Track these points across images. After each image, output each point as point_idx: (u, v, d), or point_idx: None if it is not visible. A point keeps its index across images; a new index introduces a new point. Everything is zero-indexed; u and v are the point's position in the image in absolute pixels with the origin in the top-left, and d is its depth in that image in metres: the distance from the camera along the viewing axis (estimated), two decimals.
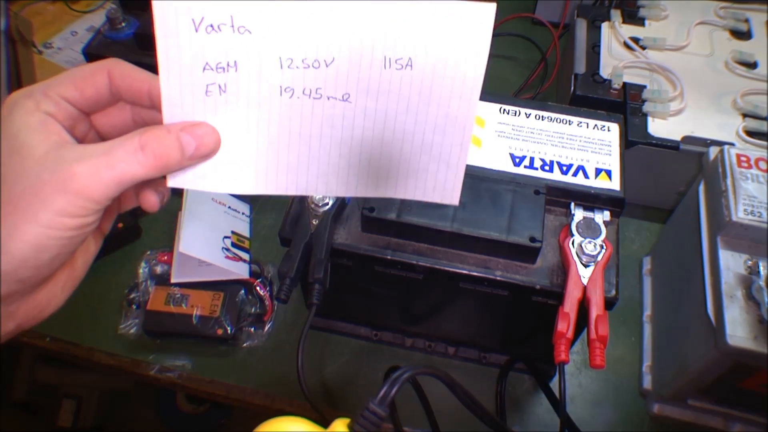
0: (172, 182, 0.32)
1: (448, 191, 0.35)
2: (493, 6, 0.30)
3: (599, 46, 0.69)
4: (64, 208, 0.27)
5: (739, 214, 0.47)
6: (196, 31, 0.28)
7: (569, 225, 0.47)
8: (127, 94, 0.31)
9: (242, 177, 0.33)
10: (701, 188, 0.53)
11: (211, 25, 0.28)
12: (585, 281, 0.44)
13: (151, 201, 0.32)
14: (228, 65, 0.30)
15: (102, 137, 0.33)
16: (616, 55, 0.68)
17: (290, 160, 0.33)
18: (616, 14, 0.72)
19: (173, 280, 0.61)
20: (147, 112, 0.32)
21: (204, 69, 0.29)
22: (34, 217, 0.27)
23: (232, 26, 0.29)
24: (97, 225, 0.30)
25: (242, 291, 0.62)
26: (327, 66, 0.30)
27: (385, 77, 0.31)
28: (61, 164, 0.27)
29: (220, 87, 0.30)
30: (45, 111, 0.29)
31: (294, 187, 0.34)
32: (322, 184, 0.34)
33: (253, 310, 0.63)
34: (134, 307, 0.63)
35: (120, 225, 0.67)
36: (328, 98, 0.31)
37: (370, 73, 0.31)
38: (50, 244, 0.27)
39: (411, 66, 0.31)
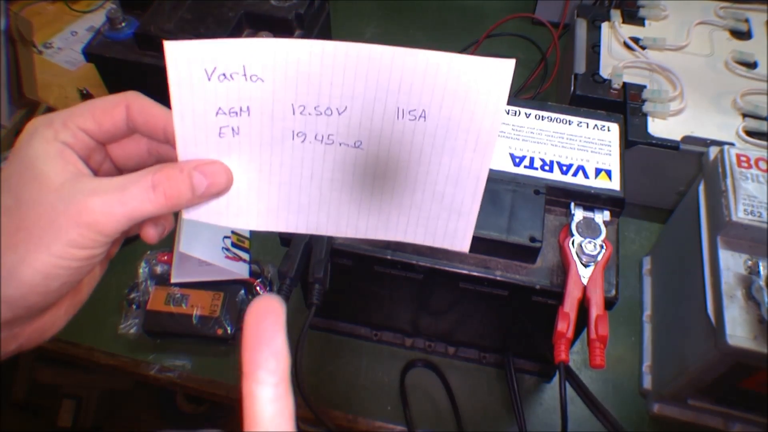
0: (187, 215, 0.32)
1: (459, 239, 0.35)
2: (513, 62, 0.29)
3: (599, 46, 0.69)
4: (75, 240, 0.27)
5: (739, 214, 0.47)
6: (209, 79, 0.28)
7: (569, 225, 0.47)
8: (144, 129, 0.31)
9: (255, 215, 0.33)
10: (701, 188, 0.53)
11: (224, 74, 0.28)
12: (585, 281, 0.44)
13: (150, 233, 0.32)
14: (241, 110, 0.30)
15: (117, 167, 0.34)
16: (616, 55, 0.68)
17: (302, 201, 0.33)
18: (616, 14, 0.72)
19: (173, 280, 0.61)
20: (162, 146, 0.33)
21: (217, 113, 0.30)
22: (46, 247, 0.27)
23: (245, 75, 0.29)
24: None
25: (242, 291, 0.62)
26: (339, 114, 0.30)
27: (397, 128, 0.31)
28: (76, 196, 0.27)
29: (233, 129, 0.30)
30: (63, 141, 0.29)
31: (305, 226, 0.34)
32: (332, 225, 0.34)
33: None
34: (134, 307, 0.63)
35: None
36: (340, 144, 0.31)
37: (382, 123, 0.31)
38: (59, 273, 0.28)
39: (425, 118, 0.30)
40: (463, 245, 0.35)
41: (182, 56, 0.28)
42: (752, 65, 0.67)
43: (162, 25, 0.66)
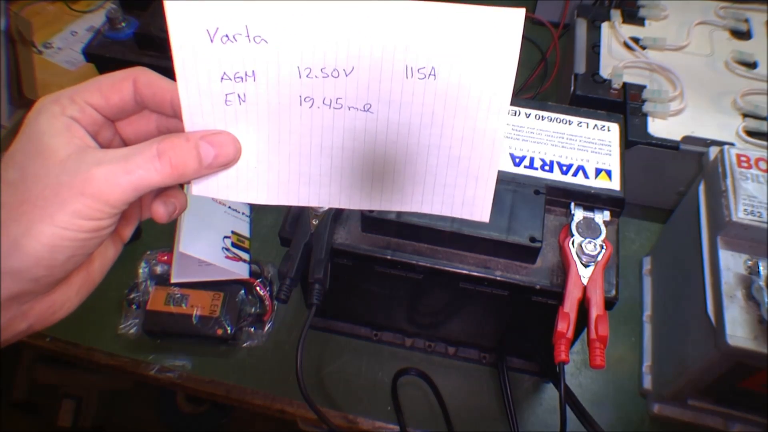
0: (196, 190, 0.32)
1: (478, 207, 0.34)
2: (523, 11, 0.28)
3: (599, 46, 0.69)
4: (80, 210, 0.27)
5: (739, 214, 0.47)
6: (212, 41, 0.28)
7: (569, 225, 0.47)
8: (151, 103, 0.31)
9: (265, 188, 0.33)
10: (701, 188, 0.53)
11: (227, 36, 0.28)
12: (585, 281, 0.44)
13: (159, 212, 0.32)
14: (246, 75, 0.29)
15: (127, 144, 0.33)
16: (616, 55, 0.68)
17: (312, 171, 0.33)
18: (616, 14, 0.72)
19: (173, 280, 0.61)
20: (171, 121, 0.32)
21: (222, 79, 0.29)
22: (50, 218, 0.27)
23: (248, 36, 0.28)
24: (114, 230, 0.30)
25: (242, 291, 0.62)
26: (347, 75, 0.30)
27: (407, 88, 0.30)
28: (80, 167, 0.27)
29: (239, 96, 0.30)
30: (70, 116, 0.29)
31: (317, 199, 0.33)
32: (345, 196, 0.33)
33: (253, 310, 0.63)
34: (134, 307, 0.63)
35: None
36: (349, 108, 0.31)
37: (391, 83, 0.30)
38: (65, 245, 0.28)
39: (434, 76, 0.30)
40: (483, 214, 0.34)
41: (183, 16, 0.28)
42: (752, 65, 0.67)
43: (162, 25, 0.66)
